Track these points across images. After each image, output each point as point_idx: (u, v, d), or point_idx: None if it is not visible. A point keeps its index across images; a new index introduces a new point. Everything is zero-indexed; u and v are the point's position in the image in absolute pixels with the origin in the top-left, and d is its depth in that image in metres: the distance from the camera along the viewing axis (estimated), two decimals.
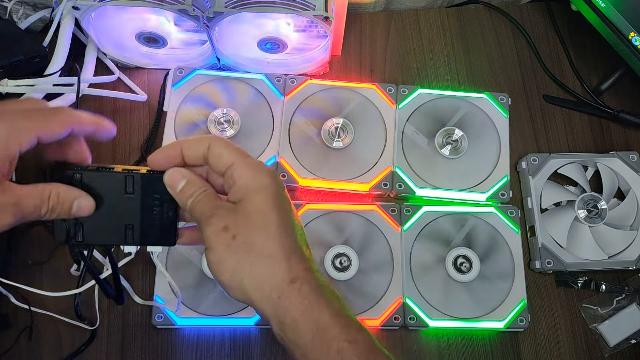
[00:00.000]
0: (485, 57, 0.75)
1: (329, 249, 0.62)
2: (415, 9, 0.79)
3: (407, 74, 0.74)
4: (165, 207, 0.40)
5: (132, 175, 0.39)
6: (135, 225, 0.40)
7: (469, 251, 0.63)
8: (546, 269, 0.64)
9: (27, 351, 0.61)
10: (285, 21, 0.64)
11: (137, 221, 0.40)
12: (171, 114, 0.66)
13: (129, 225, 0.40)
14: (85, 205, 0.38)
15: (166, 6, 0.58)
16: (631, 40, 0.64)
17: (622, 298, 0.65)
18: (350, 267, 0.61)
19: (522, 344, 0.64)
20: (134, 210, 0.40)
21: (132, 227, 0.40)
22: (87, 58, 0.68)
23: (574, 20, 0.76)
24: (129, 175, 0.39)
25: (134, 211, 0.40)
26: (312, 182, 0.65)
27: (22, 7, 0.68)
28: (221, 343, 0.62)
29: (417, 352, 0.63)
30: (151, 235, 0.41)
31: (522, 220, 0.68)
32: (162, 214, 0.40)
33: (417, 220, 0.65)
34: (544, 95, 0.74)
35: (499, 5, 0.78)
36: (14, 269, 0.62)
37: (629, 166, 0.67)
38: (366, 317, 0.61)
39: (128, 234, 0.40)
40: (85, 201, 0.38)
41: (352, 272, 0.61)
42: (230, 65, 0.70)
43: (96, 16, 0.62)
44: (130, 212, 0.40)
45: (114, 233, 0.40)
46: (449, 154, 0.66)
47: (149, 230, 0.40)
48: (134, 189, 0.39)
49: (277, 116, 0.67)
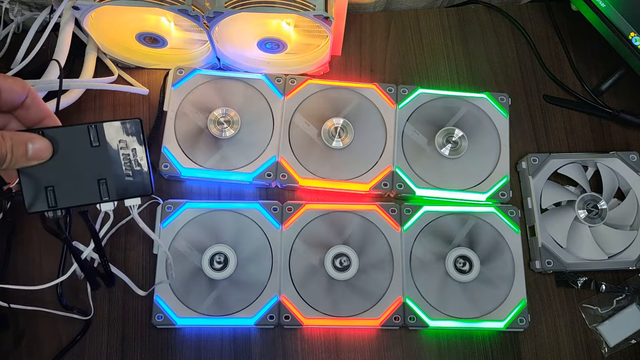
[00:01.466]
0: (485, 57, 0.75)
1: (329, 249, 0.62)
2: (415, 9, 0.79)
3: (407, 74, 0.74)
4: (136, 153, 0.38)
5: (94, 125, 0.38)
6: (108, 178, 0.38)
7: (469, 251, 0.63)
8: (546, 269, 0.64)
9: (27, 349, 0.61)
10: (285, 21, 0.64)
11: (108, 173, 0.38)
12: (171, 114, 0.67)
13: (101, 179, 0.38)
14: (41, 147, 0.37)
15: (166, 6, 0.58)
16: (631, 40, 0.64)
17: (622, 298, 0.65)
18: (350, 267, 0.61)
19: (522, 344, 0.64)
20: (103, 162, 0.38)
21: (104, 181, 0.38)
22: (87, 58, 0.68)
23: (574, 20, 0.76)
24: (90, 125, 0.38)
25: (103, 163, 0.38)
26: (312, 182, 0.65)
27: (17, 5, 0.68)
28: (221, 343, 0.62)
29: (417, 352, 0.63)
30: (126, 186, 0.38)
31: (522, 220, 0.68)
32: (133, 161, 0.38)
33: (417, 220, 0.65)
34: (544, 95, 0.74)
35: (499, 5, 0.78)
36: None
37: (629, 166, 0.67)
38: (366, 317, 0.61)
39: (102, 189, 0.38)
40: (40, 142, 0.37)
41: (352, 272, 0.61)
42: (230, 65, 0.70)
43: (96, 16, 0.62)
44: (100, 164, 0.38)
45: (87, 191, 0.38)
46: (449, 154, 0.66)
47: (122, 181, 0.38)
48: (99, 140, 0.38)
49: (277, 116, 0.67)
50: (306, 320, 0.61)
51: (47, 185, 0.38)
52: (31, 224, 0.65)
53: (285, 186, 0.66)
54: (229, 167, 0.65)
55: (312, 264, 0.62)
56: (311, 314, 0.61)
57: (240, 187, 0.68)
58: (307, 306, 0.61)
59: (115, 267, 0.57)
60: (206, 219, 0.63)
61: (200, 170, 0.65)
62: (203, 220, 0.63)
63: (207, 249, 0.61)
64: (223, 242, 0.62)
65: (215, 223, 0.63)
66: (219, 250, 0.61)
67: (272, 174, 0.65)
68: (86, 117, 0.69)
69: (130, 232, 0.65)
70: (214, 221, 0.63)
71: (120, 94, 0.70)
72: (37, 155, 0.37)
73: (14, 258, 0.64)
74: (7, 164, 0.36)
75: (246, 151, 0.66)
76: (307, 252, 0.63)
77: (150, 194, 0.40)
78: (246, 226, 0.63)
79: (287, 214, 0.64)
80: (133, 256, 0.65)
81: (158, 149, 0.65)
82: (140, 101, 0.70)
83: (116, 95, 0.70)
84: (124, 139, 0.38)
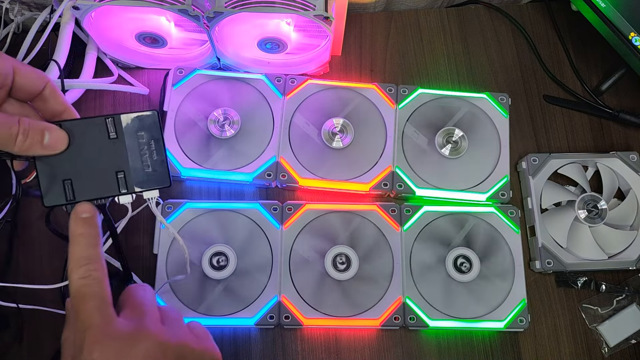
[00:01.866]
0: (485, 57, 0.75)
1: (329, 249, 0.62)
2: (415, 9, 0.79)
3: (407, 74, 0.74)
4: (153, 145, 0.38)
5: (112, 117, 0.37)
6: (126, 171, 0.37)
7: (469, 251, 0.63)
8: (546, 269, 0.64)
9: (27, 348, 0.61)
10: (285, 21, 0.64)
11: (126, 165, 0.37)
12: (171, 114, 0.67)
13: (119, 171, 0.37)
14: (57, 137, 0.37)
15: (166, 6, 0.58)
16: (631, 40, 0.64)
17: (622, 298, 0.65)
18: (350, 267, 0.61)
19: (522, 344, 0.64)
20: (121, 154, 0.37)
21: (122, 173, 0.37)
22: (87, 58, 0.68)
23: (574, 20, 0.76)
24: (108, 117, 0.37)
25: (121, 155, 0.37)
26: (312, 182, 0.65)
27: (17, 5, 0.69)
28: (221, 343, 0.62)
29: (417, 352, 0.63)
30: (144, 178, 0.38)
31: (522, 220, 0.68)
32: (150, 153, 0.38)
33: (417, 220, 0.65)
34: (544, 95, 0.74)
35: (499, 5, 0.78)
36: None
37: (629, 166, 0.67)
38: (366, 317, 0.61)
39: (120, 181, 0.38)
40: (57, 132, 0.37)
41: (352, 272, 0.61)
42: (230, 65, 0.70)
43: (96, 16, 0.62)
44: (118, 157, 0.37)
45: (105, 184, 0.37)
46: (449, 154, 0.66)
47: (141, 174, 0.38)
48: (116, 132, 0.37)
49: (277, 116, 0.67)
50: (306, 320, 0.61)
51: (65, 177, 0.37)
52: (35, 222, 0.65)
53: (285, 186, 0.66)
54: (229, 167, 0.65)
55: (312, 264, 0.62)
56: (311, 314, 0.61)
57: (240, 187, 0.68)
58: (307, 306, 0.61)
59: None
60: (206, 219, 0.63)
61: (200, 170, 0.65)
62: (203, 220, 0.63)
63: (207, 248, 0.61)
64: (223, 242, 0.62)
65: (215, 223, 0.63)
66: (219, 250, 0.61)
67: (272, 174, 0.65)
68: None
69: (130, 231, 0.65)
70: (214, 221, 0.63)
71: (120, 94, 0.70)
72: (52, 144, 0.37)
73: (16, 256, 0.64)
74: (20, 145, 0.36)
75: (246, 151, 0.66)
76: (307, 252, 0.63)
77: (168, 185, 0.39)
78: (246, 226, 0.63)
79: (287, 214, 0.64)
80: (133, 256, 0.65)
81: None
82: (140, 101, 0.70)
83: (116, 95, 0.70)
84: (141, 130, 0.38)
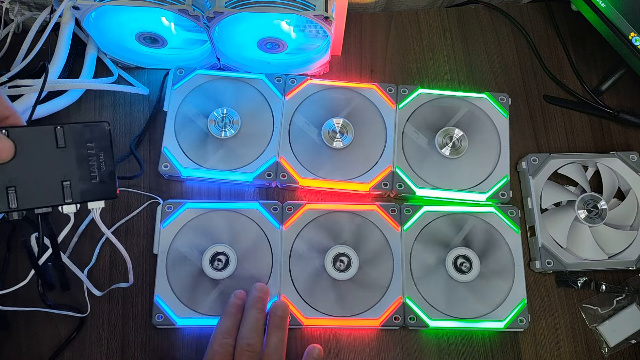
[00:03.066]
0: (485, 57, 0.75)
1: (329, 249, 0.62)
2: (415, 9, 0.79)
3: (407, 74, 0.74)
4: (102, 156, 0.38)
5: (61, 126, 0.37)
6: (72, 180, 0.37)
7: (469, 251, 0.63)
8: (546, 269, 0.64)
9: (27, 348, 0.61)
10: (285, 21, 0.64)
11: (73, 175, 0.37)
12: (171, 113, 0.67)
13: (65, 181, 0.37)
14: (3, 147, 0.36)
15: (166, 6, 0.58)
16: (631, 40, 0.64)
17: (622, 298, 0.65)
18: (350, 267, 0.61)
19: (522, 344, 0.64)
20: (68, 164, 0.37)
21: (69, 183, 0.37)
22: (87, 58, 0.68)
23: (574, 20, 0.76)
24: (57, 126, 0.37)
25: (68, 165, 0.37)
26: (312, 182, 0.65)
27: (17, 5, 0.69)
28: None
29: (417, 352, 0.63)
30: (91, 189, 0.38)
31: (522, 220, 0.68)
32: (99, 164, 0.38)
33: (417, 220, 0.65)
34: (544, 95, 0.74)
35: (499, 5, 0.78)
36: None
37: (629, 166, 0.67)
38: (366, 317, 0.61)
39: (66, 191, 0.37)
40: (3, 142, 0.36)
41: (352, 272, 0.61)
42: (230, 65, 0.70)
43: (96, 16, 0.62)
44: (65, 166, 0.37)
45: (50, 192, 0.37)
46: (449, 154, 0.66)
47: (87, 184, 0.38)
48: (65, 141, 0.37)
49: (277, 116, 0.67)
50: (306, 320, 0.61)
51: (9, 185, 0.37)
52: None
53: (285, 186, 0.66)
54: (229, 167, 0.65)
55: (312, 264, 0.62)
56: (311, 314, 0.61)
57: (240, 187, 0.68)
58: (307, 306, 0.61)
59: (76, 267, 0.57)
60: (206, 219, 0.63)
61: (200, 170, 0.65)
62: (203, 220, 0.63)
63: (208, 248, 0.61)
64: (223, 242, 0.62)
65: (216, 223, 0.63)
66: (219, 250, 0.61)
67: (272, 174, 0.65)
68: (86, 117, 0.69)
69: (130, 232, 0.66)
70: (214, 221, 0.63)
71: (120, 94, 0.70)
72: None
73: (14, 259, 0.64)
74: None
75: (246, 151, 0.66)
76: (307, 252, 0.63)
77: (114, 197, 0.39)
78: (246, 226, 0.63)
79: (287, 214, 0.64)
80: (133, 256, 0.65)
81: (155, 147, 0.65)
82: (140, 101, 0.70)
83: (116, 95, 0.70)
84: (91, 141, 0.38)
